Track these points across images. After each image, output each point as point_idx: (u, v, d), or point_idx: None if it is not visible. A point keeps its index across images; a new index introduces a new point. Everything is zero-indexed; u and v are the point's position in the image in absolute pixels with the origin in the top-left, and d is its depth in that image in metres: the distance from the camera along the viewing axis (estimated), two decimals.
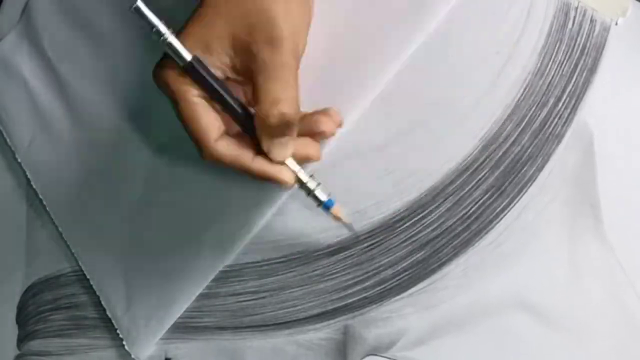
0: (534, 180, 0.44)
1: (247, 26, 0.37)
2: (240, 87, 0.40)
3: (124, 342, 0.47)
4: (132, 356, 0.47)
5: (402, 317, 0.44)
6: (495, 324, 0.43)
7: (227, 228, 0.45)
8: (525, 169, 0.44)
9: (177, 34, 0.37)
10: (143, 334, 0.46)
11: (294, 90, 0.38)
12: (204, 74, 0.37)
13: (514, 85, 0.44)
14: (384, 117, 0.45)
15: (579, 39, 0.44)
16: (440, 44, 0.45)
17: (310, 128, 0.40)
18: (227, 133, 0.39)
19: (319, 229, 0.45)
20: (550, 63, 0.44)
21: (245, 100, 0.40)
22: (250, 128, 0.38)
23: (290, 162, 0.40)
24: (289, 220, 0.45)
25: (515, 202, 0.44)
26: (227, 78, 0.39)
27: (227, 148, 0.38)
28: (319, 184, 0.40)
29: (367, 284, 0.44)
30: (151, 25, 0.37)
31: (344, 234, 0.45)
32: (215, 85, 0.38)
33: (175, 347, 0.46)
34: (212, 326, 0.46)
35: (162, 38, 0.37)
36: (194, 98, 0.38)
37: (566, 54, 0.44)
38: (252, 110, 0.38)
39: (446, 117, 0.45)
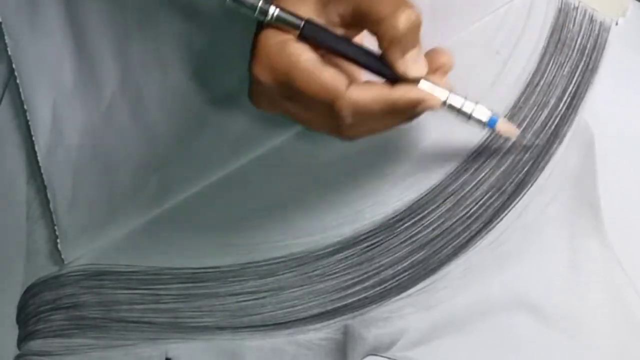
0: (535, 181, 0.44)
1: None
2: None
3: (58, 240, 0.48)
4: (62, 256, 0.48)
5: (402, 317, 0.43)
6: (495, 323, 0.42)
7: (177, 174, 0.47)
8: (525, 169, 0.44)
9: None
10: (77, 239, 0.48)
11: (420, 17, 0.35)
12: (322, 33, 0.35)
13: (514, 85, 0.44)
14: None
15: (579, 39, 0.44)
16: (440, 44, 0.45)
17: (429, 66, 0.37)
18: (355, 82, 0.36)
19: (319, 229, 0.45)
20: (551, 63, 0.45)
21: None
22: (377, 69, 0.36)
23: (436, 87, 0.37)
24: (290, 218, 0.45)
25: (515, 202, 0.44)
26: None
27: (363, 90, 0.35)
28: (477, 103, 0.38)
29: (367, 284, 0.44)
30: (253, 8, 0.35)
31: (344, 233, 0.45)
32: (333, 41, 0.36)
33: (175, 347, 0.46)
34: (212, 326, 0.46)
35: (271, 13, 0.35)
36: (307, 62, 0.35)
37: (566, 54, 0.44)
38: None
39: (446, 117, 0.45)
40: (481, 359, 0.42)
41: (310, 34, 0.35)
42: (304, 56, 0.35)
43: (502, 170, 0.44)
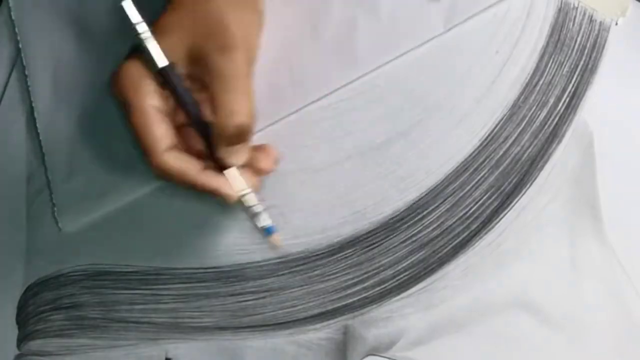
0: (534, 180, 0.44)
1: (201, 35, 0.38)
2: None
3: (55, 208, 0.48)
4: (59, 224, 0.48)
5: (402, 317, 0.44)
6: (495, 323, 0.43)
7: None
8: (525, 169, 0.44)
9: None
10: (74, 208, 0.48)
11: (249, 98, 0.39)
12: (175, 80, 0.39)
13: (514, 85, 0.44)
14: (384, 117, 0.45)
15: (579, 39, 0.45)
16: (440, 44, 0.45)
17: (249, 165, 0.42)
18: (177, 148, 0.40)
19: (319, 229, 0.45)
20: (550, 63, 0.45)
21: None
22: (206, 137, 0.40)
23: (240, 182, 0.41)
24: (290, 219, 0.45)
25: (515, 202, 0.44)
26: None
27: (175, 160, 0.39)
28: (264, 209, 0.43)
29: (367, 284, 0.44)
30: (133, 24, 0.38)
31: (344, 233, 0.45)
32: (182, 92, 0.39)
33: (175, 347, 0.46)
34: (212, 326, 0.46)
35: (142, 37, 0.38)
36: (149, 108, 0.38)
37: (566, 53, 0.44)
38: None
39: (446, 117, 0.45)
40: (481, 359, 0.42)
41: (164, 77, 0.39)
42: (150, 101, 0.38)
43: (501, 170, 0.44)
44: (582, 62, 0.44)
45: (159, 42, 0.38)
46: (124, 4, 0.37)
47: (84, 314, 0.48)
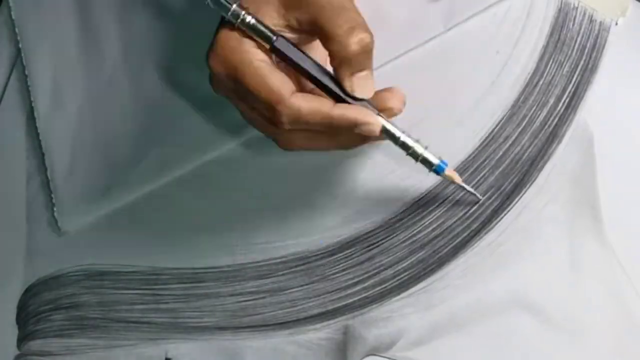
0: (534, 181, 0.44)
1: None
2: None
3: (55, 208, 0.48)
4: (58, 224, 0.48)
5: (402, 317, 0.44)
6: (495, 323, 0.43)
7: (176, 148, 0.47)
8: (525, 169, 0.44)
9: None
10: (74, 208, 0.48)
11: (360, 16, 0.36)
12: (291, 50, 0.37)
13: (514, 85, 0.44)
14: None
15: (579, 39, 0.44)
16: (440, 44, 0.45)
17: (377, 105, 0.38)
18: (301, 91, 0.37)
19: (319, 229, 0.45)
20: (550, 63, 0.45)
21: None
22: (327, 87, 0.37)
23: (383, 121, 0.37)
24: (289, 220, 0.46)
25: (515, 202, 0.44)
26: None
27: (305, 99, 0.36)
28: (426, 147, 0.39)
29: (367, 284, 0.44)
30: (227, 9, 0.36)
31: (344, 234, 0.45)
32: (302, 59, 0.37)
33: (175, 347, 0.46)
34: (212, 326, 0.46)
35: (241, 19, 0.36)
36: (259, 62, 0.36)
37: (566, 53, 0.44)
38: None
39: (446, 117, 0.45)
40: (481, 359, 0.42)
41: (278, 50, 0.37)
42: (258, 56, 0.36)
43: (501, 170, 0.44)
44: (582, 62, 0.44)
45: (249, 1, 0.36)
46: None
47: (84, 314, 0.48)
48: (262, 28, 0.36)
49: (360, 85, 0.37)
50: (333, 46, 0.36)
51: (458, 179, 0.40)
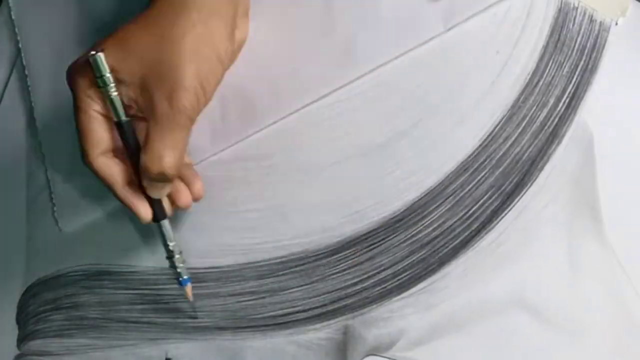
0: (534, 181, 0.44)
1: (156, 68, 0.37)
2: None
3: (55, 208, 0.49)
4: (58, 224, 0.49)
5: (402, 317, 0.44)
6: (495, 323, 0.43)
7: None
8: (525, 169, 0.44)
9: (98, 46, 0.38)
10: (74, 208, 0.49)
11: (181, 148, 0.39)
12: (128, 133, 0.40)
13: (514, 85, 0.44)
14: (384, 117, 0.45)
15: (579, 39, 0.44)
16: (440, 44, 0.45)
17: (170, 194, 0.43)
18: (114, 151, 0.41)
19: (319, 229, 0.45)
20: (550, 63, 0.44)
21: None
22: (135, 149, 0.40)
23: (159, 211, 0.42)
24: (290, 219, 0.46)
25: (515, 202, 0.44)
26: (130, 110, 0.40)
27: (104, 166, 0.40)
28: (184, 261, 0.44)
29: (367, 284, 0.44)
30: (99, 74, 0.38)
31: (344, 234, 0.45)
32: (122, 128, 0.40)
33: (175, 347, 0.46)
34: (212, 326, 0.46)
35: (107, 89, 0.38)
36: (94, 112, 0.39)
37: (566, 54, 0.44)
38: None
39: (446, 117, 0.45)
40: (481, 359, 0.42)
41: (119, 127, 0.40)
42: (96, 107, 0.39)
43: (502, 170, 0.44)
44: (582, 62, 0.44)
45: (120, 52, 0.38)
46: (96, 56, 0.38)
47: (84, 314, 0.48)
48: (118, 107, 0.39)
49: (153, 190, 0.41)
50: (142, 157, 0.39)
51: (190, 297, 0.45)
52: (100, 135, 0.40)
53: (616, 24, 0.44)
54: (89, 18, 0.50)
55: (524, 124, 0.44)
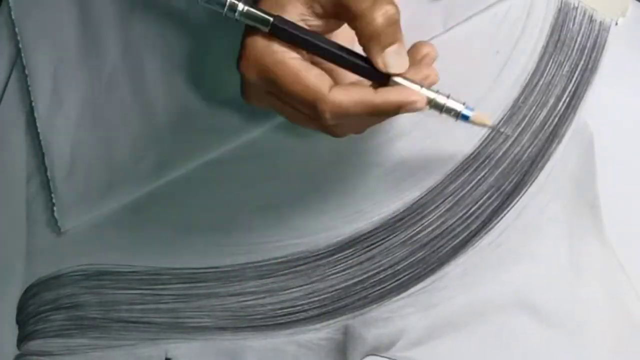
0: (534, 180, 0.44)
1: None
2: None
3: (55, 208, 0.48)
4: (58, 224, 0.49)
5: (402, 317, 0.44)
6: (495, 323, 0.43)
7: (175, 149, 0.47)
8: (525, 169, 0.44)
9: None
10: (74, 207, 0.48)
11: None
12: (292, 29, 0.35)
13: (514, 85, 0.44)
14: None
15: (579, 39, 0.44)
16: (440, 44, 0.45)
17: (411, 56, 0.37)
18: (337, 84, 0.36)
19: (319, 229, 0.45)
20: (550, 63, 0.44)
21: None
22: (357, 66, 0.36)
23: (409, 83, 0.36)
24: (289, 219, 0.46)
25: (515, 202, 0.44)
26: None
27: (345, 93, 0.35)
28: (448, 96, 0.37)
29: (367, 284, 0.44)
30: (222, 3, 0.35)
31: (344, 234, 0.45)
32: (307, 37, 0.36)
33: (175, 347, 0.46)
34: (212, 326, 0.46)
35: (238, 10, 0.35)
36: (291, 61, 0.35)
37: (566, 53, 0.44)
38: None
39: (446, 116, 0.44)
40: (481, 359, 0.42)
41: (280, 31, 0.35)
42: (290, 54, 0.35)
43: (501, 169, 0.44)
44: (582, 62, 0.44)
45: None
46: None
47: (84, 314, 0.48)
48: (258, 12, 0.35)
49: (393, 60, 0.36)
50: (358, 23, 0.35)
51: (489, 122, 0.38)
52: (317, 73, 0.35)
53: (616, 24, 0.44)
54: (89, 18, 0.50)
55: (524, 124, 0.44)
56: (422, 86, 0.36)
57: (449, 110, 0.37)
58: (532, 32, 0.45)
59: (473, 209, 0.44)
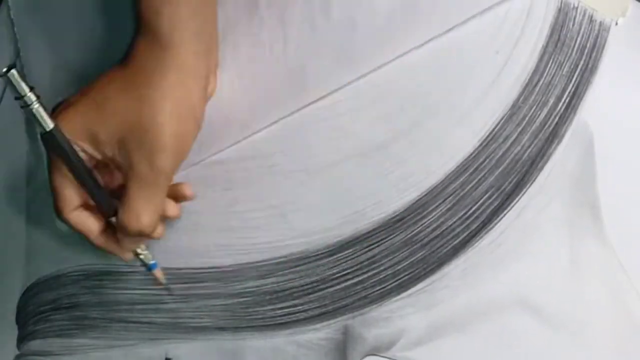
0: (534, 180, 0.44)
1: (135, 135, 0.38)
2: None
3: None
4: (57, 224, 0.48)
5: (402, 317, 0.44)
6: (495, 323, 0.43)
7: None
8: (525, 169, 0.44)
9: (57, 110, 0.40)
10: None
11: (159, 206, 0.40)
12: (63, 145, 0.39)
13: (514, 85, 0.44)
14: (384, 117, 0.45)
15: (579, 39, 0.44)
16: (440, 45, 0.45)
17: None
18: (85, 205, 0.42)
19: (319, 229, 0.45)
20: (550, 63, 0.45)
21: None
22: (100, 203, 0.42)
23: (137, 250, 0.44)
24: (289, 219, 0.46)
25: (515, 202, 0.44)
26: (106, 165, 0.41)
27: (78, 220, 0.42)
28: (148, 254, 0.45)
29: (367, 284, 0.44)
30: (20, 94, 0.38)
31: (344, 234, 0.45)
32: (72, 158, 0.40)
33: (175, 347, 0.46)
34: (212, 326, 0.46)
35: (30, 106, 0.39)
36: (64, 169, 0.40)
37: (566, 53, 0.44)
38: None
39: (446, 117, 0.45)
40: (481, 359, 0.42)
41: (50, 141, 0.39)
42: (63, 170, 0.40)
43: (501, 170, 0.44)
44: (582, 62, 0.44)
45: (97, 114, 0.39)
46: (9, 74, 0.38)
47: (84, 314, 0.48)
48: (43, 116, 0.39)
49: (128, 245, 0.43)
50: (119, 215, 0.40)
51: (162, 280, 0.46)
52: (71, 191, 0.41)
53: (616, 24, 0.44)
54: (89, 18, 0.50)
55: (524, 124, 0.44)
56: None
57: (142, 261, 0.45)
58: (532, 32, 0.45)
59: (473, 209, 0.44)
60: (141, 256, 0.45)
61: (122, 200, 0.39)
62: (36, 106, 0.39)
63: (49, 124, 0.39)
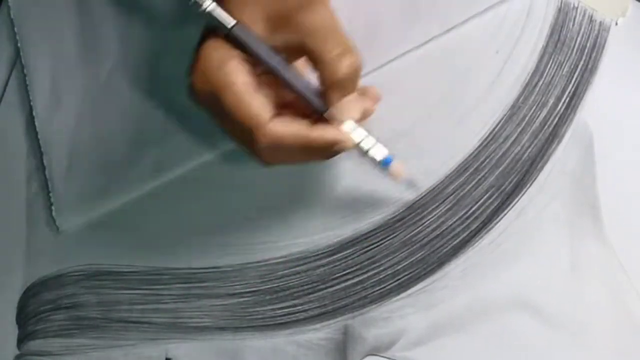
0: (534, 180, 0.44)
1: (278, 1, 0.36)
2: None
3: (53, 207, 0.49)
4: (56, 223, 0.49)
5: (402, 317, 0.44)
6: (495, 324, 0.43)
7: (174, 149, 0.47)
8: (525, 168, 0.44)
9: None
10: (72, 206, 0.48)
11: (348, 39, 0.36)
12: (247, 39, 0.36)
13: (514, 85, 0.44)
14: (383, 117, 0.45)
15: (579, 39, 0.45)
16: (440, 45, 0.45)
17: None
18: (279, 115, 0.37)
19: (319, 229, 0.45)
20: (550, 63, 0.45)
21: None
22: (303, 97, 0.37)
23: (359, 132, 0.38)
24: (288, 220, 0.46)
25: (515, 202, 0.44)
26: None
27: (283, 125, 0.36)
28: (375, 143, 0.39)
29: (367, 284, 0.44)
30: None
31: (344, 233, 0.45)
32: (262, 53, 0.36)
33: (175, 347, 0.46)
34: (212, 326, 0.46)
35: (202, 7, 0.36)
36: (240, 86, 0.36)
37: (566, 53, 0.44)
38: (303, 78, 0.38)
39: (446, 116, 0.45)
40: (481, 359, 0.42)
41: (238, 38, 0.36)
42: (240, 79, 0.36)
43: (501, 170, 0.44)
44: (582, 62, 0.44)
45: (235, 15, 0.36)
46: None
47: (84, 314, 0.48)
48: (220, 15, 0.36)
49: (347, 109, 0.38)
50: (323, 70, 0.36)
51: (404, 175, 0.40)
52: (260, 101, 0.36)
53: (616, 24, 0.45)
54: (88, 18, 0.50)
55: (524, 124, 0.44)
56: (354, 128, 0.38)
57: (370, 158, 0.39)
58: (531, 32, 0.45)
59: (473, 209, 0.44)
60: (362, 144, 0.38)
61: (315, 59, 0.36)
62: (212, 6, 0.36)
63: (230, 21, 0.36)
